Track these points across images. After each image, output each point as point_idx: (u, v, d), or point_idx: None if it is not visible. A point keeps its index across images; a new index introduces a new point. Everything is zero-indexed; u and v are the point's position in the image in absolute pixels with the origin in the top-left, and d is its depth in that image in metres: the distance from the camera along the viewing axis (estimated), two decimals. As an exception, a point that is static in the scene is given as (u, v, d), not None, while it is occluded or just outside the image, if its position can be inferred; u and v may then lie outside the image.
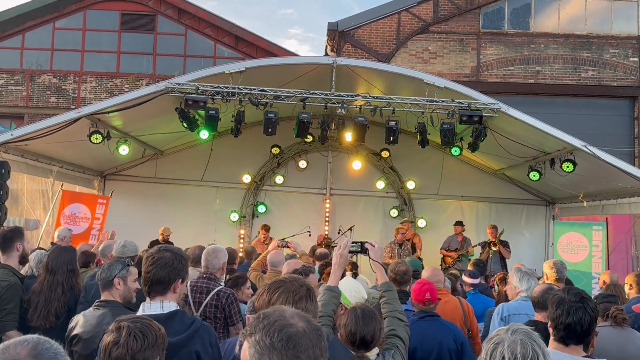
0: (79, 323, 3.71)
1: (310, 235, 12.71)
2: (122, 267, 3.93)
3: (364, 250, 3.72)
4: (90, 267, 6.84)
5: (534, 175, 11.09)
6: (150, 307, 3.00)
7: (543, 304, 4.04)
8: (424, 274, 5.51)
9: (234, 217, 13.60)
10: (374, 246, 3.72)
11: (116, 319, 2.58)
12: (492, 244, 11.58)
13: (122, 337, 2.44)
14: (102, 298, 3.87)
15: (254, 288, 5.73)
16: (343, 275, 3.91)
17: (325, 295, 3.44)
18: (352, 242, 3.71)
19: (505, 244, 11.63)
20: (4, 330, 4.45)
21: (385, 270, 3.95)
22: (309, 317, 1.66)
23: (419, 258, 12.18)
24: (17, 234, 4.81)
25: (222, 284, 5.15)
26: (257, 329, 1.57)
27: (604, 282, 6.92)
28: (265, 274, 6.77)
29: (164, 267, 3.03)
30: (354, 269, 7.20)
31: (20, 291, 4.59)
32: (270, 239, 11.98)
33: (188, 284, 5.08)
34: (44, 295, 4.52)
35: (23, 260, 4.89)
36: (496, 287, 7.28)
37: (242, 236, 13.53)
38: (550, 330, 3.16)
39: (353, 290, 3.89)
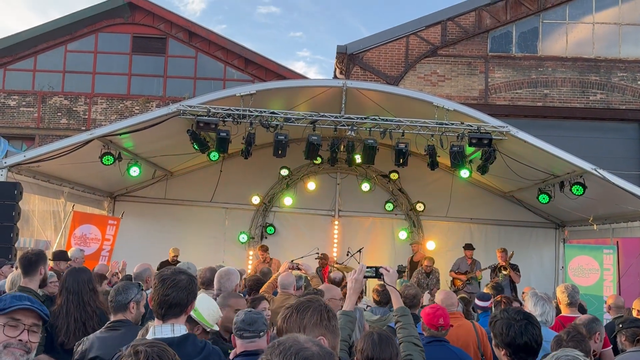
0: (95, 345, 3.66)
1: (318, 255, 12.67)
2: (138, 291, 3.92)
3: (378, 275, 3.75)
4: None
5: (544, 198, 11.07)
6: (161, 331, 2.94)
7: (589, 334, 4.07)
8: (437, 297, 5.49)
9: (243, 238, 13.62)
10: (388, 271, 3.75)
11: (132, 343, 2.57)
12: (502, 268, 11.50)
13: None
14: (114, 319, 3.87)
15: None
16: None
17: (341, 320, 3.43)
18: (367, 267, 3.72)
19: (515, 268, 11.55)
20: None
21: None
22: (320, 342, 1.71)
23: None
24: (41, 258, 4.84)
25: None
26: (274, 355, 1.60)
27: (610, 307, 6.87)
28: (276, 296, 6.76)
29: (183, 289, 2.97)
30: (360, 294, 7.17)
31: None
32: (271, 259, 11.96)
33: None
34: (72, 317, 4.48)
35: (42, 283, 4.90)
36: (493, 309, 7.23)
37: (251, 257, 13.53)
38: (505, 357, 3.17)
39: (210, 310, 3.87)
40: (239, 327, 3.52)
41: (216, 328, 3.90)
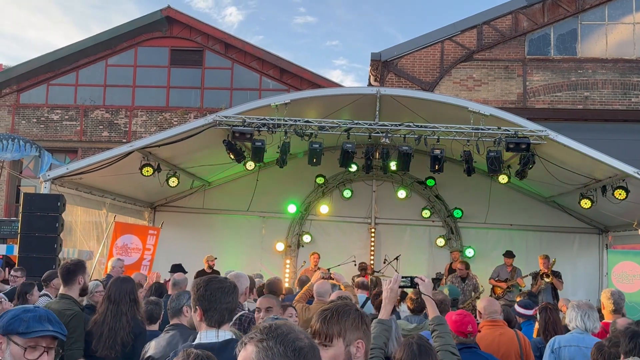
0: (152, 346, 3.94)
1: (355, 264, 12.65)
2: (190, 297, 4.08)
3: (414, 285, 3.78)
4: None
5: (585, 203, 10.80)
6: (206, 336, 3.02)
7: None
8: (480, 304, 5.41)
9: (280, 246, 13.68)
10: (424, 280, 3.77)
11: (185, 348, 2.66)
12: (544, 275, 11.25)
13: None
14: (171, 323, 4.21)
15: None
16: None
17: (377, 328, 3.47)
18: (402, 277, 3.76)
19: (557, 275, 11.29)
20: (72, 358, 4.58)
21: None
22: (309, 335, 1.76)
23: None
24: (80, 267, 4.99)
25: (246, 309, 5.20)
26: (270, 337, 1.64)
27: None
28: (311, 305, 6.77)
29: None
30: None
31: (83, 320, 4.74)
32: (318, 268, 11.96)
33: None
34: (108, 326, 4.63)
35: (83, 292, 5.03)
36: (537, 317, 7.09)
37: (287, 266, 13.58)
38: None
39: None
40: None
41: None
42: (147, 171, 10.14)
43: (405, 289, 3.96)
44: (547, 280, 11.22)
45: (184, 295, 4.30)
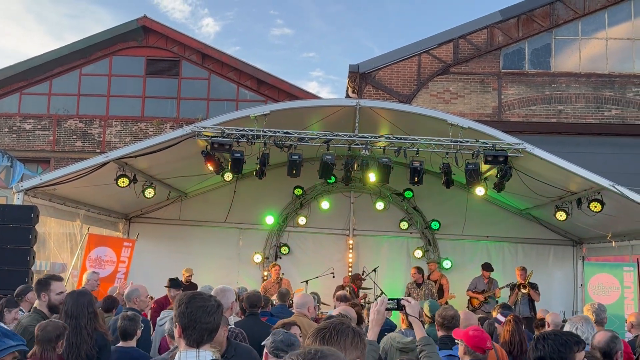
0: None
1: (334, 277, 12.60)
2: None
3: (400, 307, 3.91)
4: (112, 312, 6.81)
5: (561, 215, 10.94)
6: (186, 356, 2.91)
7: (608, 355, 4.02)
8: (457, 317, 5.39)
9: (257, 258, 13.56)
10: (410, 302, 3.90)
11: None
12: (521, 286, 11.35)
13: None
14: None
15: None
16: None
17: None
18: (389, 300, 3.87)
19: (534, 287, 11.40)
20: None
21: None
22: None
23: (446, 302, 11.92)
24: (42, 284, 5.03)
25: (231, 324, 5.12)
26: None
27: (632, 325, 6.76)
28: (291, 317, 6.69)
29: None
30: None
31: None
32: (281, 279, 11.88)
33: None
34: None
35: (54, 309, 4.95)
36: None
37: (265, 278, 13.46)
38: None
39: None
40: (276, 347, 3.68)
41: None
42: (123, 182, 9.96)
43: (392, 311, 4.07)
44: (524, 291, 11.32)
45: None
